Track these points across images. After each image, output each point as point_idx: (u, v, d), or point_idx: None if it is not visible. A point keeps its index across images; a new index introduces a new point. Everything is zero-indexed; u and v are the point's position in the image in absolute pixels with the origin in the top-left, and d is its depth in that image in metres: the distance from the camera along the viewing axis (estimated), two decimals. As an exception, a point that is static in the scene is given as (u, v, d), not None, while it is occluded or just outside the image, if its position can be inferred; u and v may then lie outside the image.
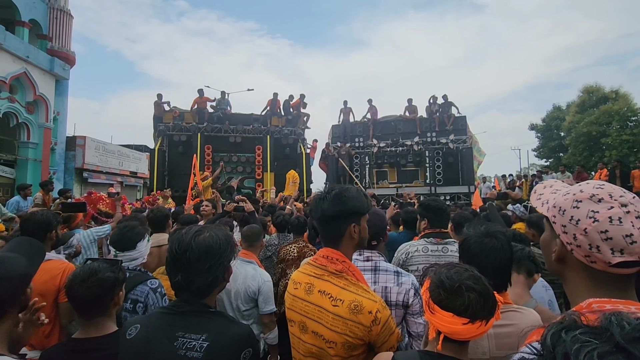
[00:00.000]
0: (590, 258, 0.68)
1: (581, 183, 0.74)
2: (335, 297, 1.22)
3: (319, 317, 1.23)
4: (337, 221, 1.28)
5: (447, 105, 13.39)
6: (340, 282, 1.25)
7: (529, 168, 34.62)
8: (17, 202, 6.73)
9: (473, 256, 1.33)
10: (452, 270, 1.05)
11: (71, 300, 1.41)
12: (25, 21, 13.02)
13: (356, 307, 1.18)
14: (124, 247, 1.99)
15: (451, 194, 12.49)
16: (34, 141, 12.95)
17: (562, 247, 0.73)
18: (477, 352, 1.23)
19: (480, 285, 1.01)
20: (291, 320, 1.35)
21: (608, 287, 0.69)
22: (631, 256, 0.64)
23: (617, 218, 0.65)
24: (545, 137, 29.74)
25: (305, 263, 1.41)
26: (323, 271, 1.28)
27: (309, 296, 1.27)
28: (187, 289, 1.11)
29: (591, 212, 0.67)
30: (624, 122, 22.06)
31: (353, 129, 14.25)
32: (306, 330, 1.27)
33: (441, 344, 1.01)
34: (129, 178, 19.69)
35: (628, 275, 0.68)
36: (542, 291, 2.07)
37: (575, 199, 0.70)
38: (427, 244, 2.25)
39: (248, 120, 13.19)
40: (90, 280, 1.38)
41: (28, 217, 2.16)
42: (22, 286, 1.04)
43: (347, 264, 1.29)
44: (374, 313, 1.18)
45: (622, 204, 0.66)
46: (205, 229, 1.19)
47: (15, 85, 12.17)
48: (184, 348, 1.02)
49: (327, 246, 1.32)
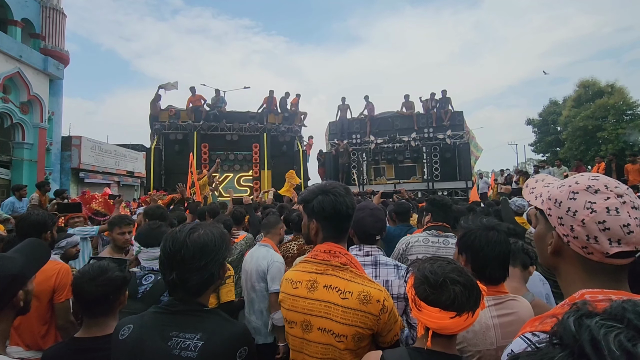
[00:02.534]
0: (588, 249, 0.68)
1: (575, 175, 0.73)
2: (343, 289, 1.22)
3: (327, 313, 1.22)
4: (350, 217, 1.33)
5: (445, 100, 13.40)
6: (345, 274, 1.26)
7: (526, 163, 34.77)
8: (12, 203, 6.68)
9: (478, 249, 1.35)
10: (435, 264, 1.05)
11: (78, 297, 1.40)
12: (18, 20, 12.89)
13: (365, 297, 1.20)
14: (149, 243, 2.07)
15: (448, 190, 12.54)
16: (29, 142, 12.86)
17: (559, 240, 0.73)
18: (486, 343, 1.25)
19: (464, 277, 1.01)
20: (291, 322, 1.32)
21: (602, 279, 0.69)
22: (628, 246, 0.64)
23: (615, 208, 0.65)
24: (541, 131, 29.84)
25: (301, 262, 1.39)
26: (326, 266, 1.28)
27: (313, 293, 1.26)
28: (182, 287, 1.10)
29: (588, 203, 0.67)
30: (619, 116, 22.15)
31: (350, 125, 14.25)
32: (310, 329, 1.26)
33: (430, 340, 1.01)
34: (126, 178, 19.62)
35: (622, 266, 0.68)
36: (540, 285, 2.08)
37: (571, 190, 0.70)
38: (429, 235, 2.31)
39: (244, 118, 13.16)
40: (99, 279, 1.38)
41: (23, 218, 2.15)
42: (12, 287, 1.02)
43: (349, 257, 1.30)
44: (381, 302, 1.20)
45: (618, 194, 0.67)
46: (200, 227, 1.17)
47: (9, 85, 12.07)
48: (178, 347, 1.01)
49: (328, 241, 1.32)
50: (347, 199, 1.30)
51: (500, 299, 1.32)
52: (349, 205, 1.30)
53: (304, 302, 1.27)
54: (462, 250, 1.40)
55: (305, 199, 1.34)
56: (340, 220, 1.31)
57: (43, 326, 2.01)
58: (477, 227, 1.39)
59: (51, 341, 2.01)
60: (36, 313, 1.94)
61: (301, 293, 1.29)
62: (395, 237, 2.81)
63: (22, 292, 1.07)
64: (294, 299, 1.30)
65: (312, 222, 1.33)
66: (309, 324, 1.26)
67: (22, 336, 1.97)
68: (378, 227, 1.82)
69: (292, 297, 1.31)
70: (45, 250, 1.28)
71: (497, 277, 1.33)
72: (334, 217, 1.29)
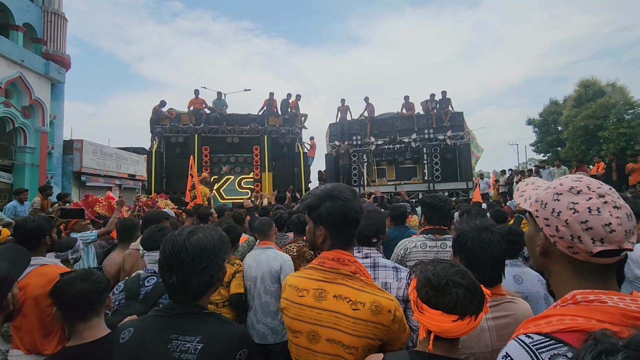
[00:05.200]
0: (573, 249, 0.70)
1: (561, 177, 0.76)
2: (354, 300, 1.16)
3: (336, 324, 1.16)
4: (359, 222, 1.28)
5: (445, 101, 13.39)
6: (356, 284, 1.20)
7: (527, 163, 34.67)
8: (14, 207, 6.72)
9: (470, 250, 1.34)
10: (438, 266, 1.03)
11: (70, 299, 1.41)
12: (20, 25, 12.94)
13: (377, 307, 1.14)
14: (151, 246, 2.13)
15: (449, 190, 12.51)
16: (31, 145, 12.89)
17: (546, 240, 0.75)
18: (480, 346, 1.24)
19: (467, 279, 1.00)
20: (296, 331, 1.25)
21: (591, 278, 0.70)
22: (611, 245, 0.66)
23: (596, 208, 0.67)
24: (542, 131, 29.78)
25: (307, 267, 1.33)
26: (335, 275, 1.22)
27: (321, 303, 1.20)
28: (182, 290, 1.11)
29: (571, 203, 0.69)
30: (620, 115, 22.10)
31: (350, 127, 14.24)
32: (318, 339, 1.19)
33: (432, 343, 0.99)
34: (128, 181, 19.65)
35: (609, 266, 0.70)
36: (538, 285, 2.08)
37: (555, 192, 0.72)
38: (426, 240, 2.26)
39: (245, 121, 13.17)
40: (90, 280, 1.45)
41: (21, 223, 2.14)
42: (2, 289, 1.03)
43: (358, 264, 1.24)
44: (393, 312, 1.16)
45: (599, 194, 0.68)
46: (199, 230, 1.18)
47: (11, 89, 12.11)
48: (178, 350, 1.02)
49: (336, 248, 1.26)
50: (355, 204, 1.24)
51: (496, 300, 1.30)
52: (358, 211, 1.24)
53: (310, 311, 1.21)
54: (456, 252, 1.41)
55: (311, 205, 1.26)
56: (349, 226, 1.25)
57: (43, 330, 2.00)
58: (470, 228, 1.39)
59: (51, 345, 2.01)
60: (36, 317, 1.94)
61: (308, 302, 1.22)
62: (392, 239, 2.81)
63: (10, 295, 1.08)
64: (300, 307, 1.23)
65: (318, 228, 1.25)
66: (316, 334, 1.19)
67: (22, 340, 1.97)
68: (373, 229, 1.79)
69: (297, 306, 1.24)
70: (25, 254, 1.31)
71: (491, 278, 1.32)
72: (342, 224, 1.23)
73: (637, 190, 7.26)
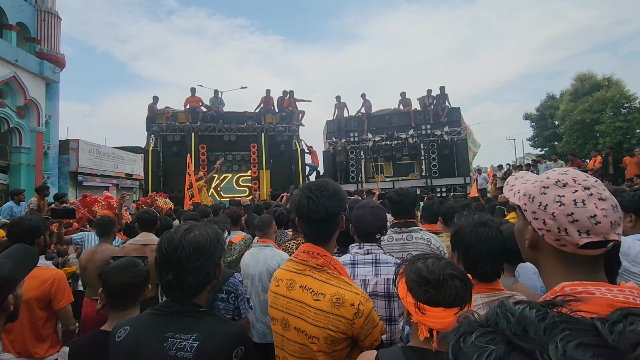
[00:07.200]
0: (560, 241, 0.70)
1: (548, 171, 0.76)
2: (316, 291, 1.21)
3: (301, 313, 1.22)
4: (336, 218, 1.28)
5: (442, 97, 13.39)
6: (321, 276, 1.24)
7: (524, 158, 34.79)
8: (10, 208, 6.68)
9: (469, 246, 1.33)
10: (429, 261, 1.03)
11: (111, 290, 1.46)
12: (13, 24, 12.82)
13: (338, 300, 1.17)
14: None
15: (447, 186, 12.54)
16: (27, 146, 12.82)
17: (534, 233, 0.76)
18: None
19: (457, 270, 1.01)
20: (274, 318, 1.33)
21: (579, 270, 0.71)
22: (597, 236, 0.67)
23: (581, 200, 0.68)
24: (539, 126, 29.82)
25: (288, 260, 1.40)
26: (304, 266, 1.27)
27: (291, 292, 1.26)
28: (179, 288, 1.11)
29: (557, 196, 0.70)
30: (617, 109, 22.16)
31: (347, 123, 14.22)
32: (288, 327, 1.25)
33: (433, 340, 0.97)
34: (125, 180, 19.58)
35: (597, 257, 0.71)
36: (534, 278, 2.08)
37: (542, 185, 0.73)
38: (393, 233, 2.32)
39: (242, 119, 13.13)
40: (131, 271, 1.49)
41: (16, 223, 2.12)
42: (2, 290, 1.02)
43: (329, 258, 1.27)
44: (356, 305, 1.16)
45: (585, 187, 0.69)
46: (195, 228, 1.19)
47: (5, 89, 12.03)
48: (174, 348, 1.02)
49: (312, 242, 1.29)
50: (327, 202, 1.22)
51: (494, 295, 1.29)
52: (330, 209, 1.22)
53: (283, 300, 1.27)
54: (454, 248, 1.40)
55: (292, 200, 1.33)
56: (317, 223, 1.25)
57: (35, 334, 1.99)
58: (468, 223, 1.38)
59: (43, 349, 2.00)
60: (28, 320, 1.94)
61: (281, 291, 1.29)
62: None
63: (11, 296, 1.07)
64: (275, 296, 1.31)
65: (298, 222, 1.31)
66: (287, 322, 1.26)
67: (13, 343, 1.96)
68: (378, 225, 1.81)
69: (273, 295, 1.32)
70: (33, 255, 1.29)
71: (489, 273, 1.31)
72: (309, 220, 1.25)
73: (634, 183, 7.30)
